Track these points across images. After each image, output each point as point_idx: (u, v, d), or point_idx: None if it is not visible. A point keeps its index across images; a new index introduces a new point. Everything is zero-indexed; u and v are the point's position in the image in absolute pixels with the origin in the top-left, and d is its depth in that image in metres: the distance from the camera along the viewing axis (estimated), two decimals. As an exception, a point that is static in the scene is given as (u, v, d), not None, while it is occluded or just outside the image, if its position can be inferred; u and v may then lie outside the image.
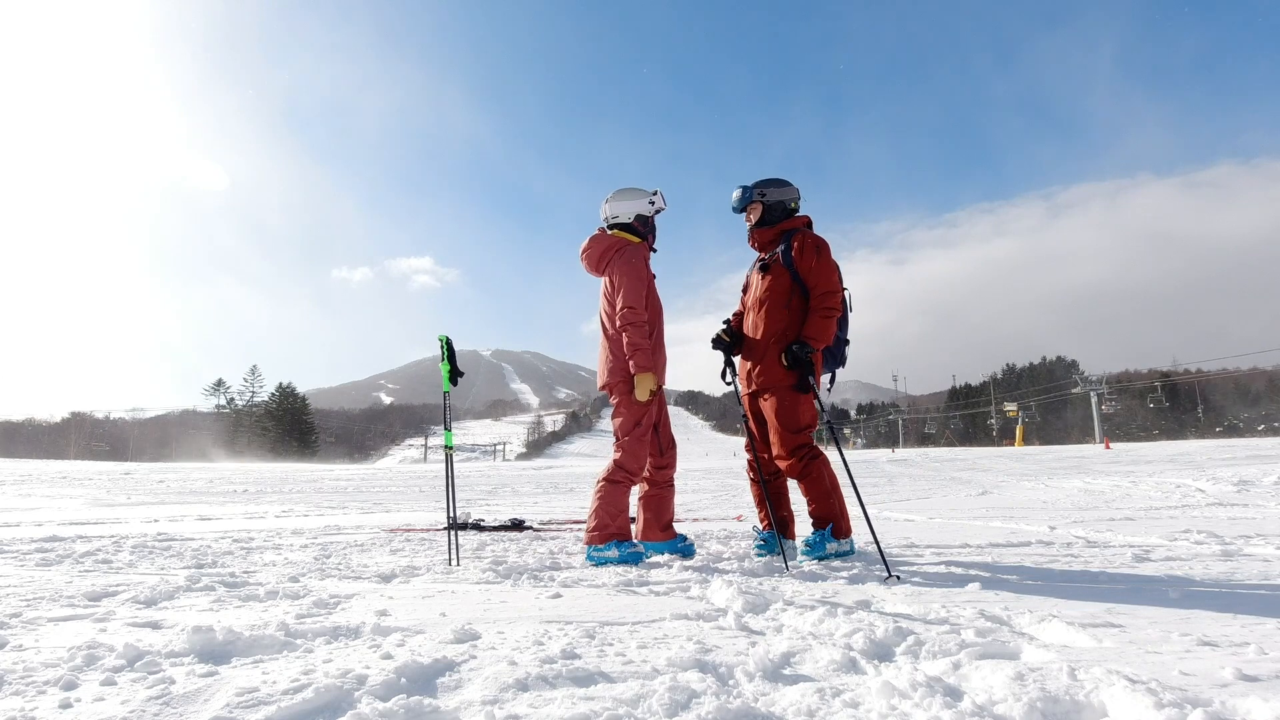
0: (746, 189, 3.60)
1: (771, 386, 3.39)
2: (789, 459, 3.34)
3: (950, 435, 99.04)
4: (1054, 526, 4.43)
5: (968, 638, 1.76)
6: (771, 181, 3.60)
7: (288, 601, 2.35)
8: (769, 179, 3.60)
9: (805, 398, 3.37)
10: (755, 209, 3.60)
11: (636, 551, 3.35)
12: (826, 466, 3.36)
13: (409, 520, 5.99)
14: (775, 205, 3.58)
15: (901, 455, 27.28)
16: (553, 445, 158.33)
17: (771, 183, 3.59)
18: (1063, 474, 11.53)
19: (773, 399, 3.38)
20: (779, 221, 3.58)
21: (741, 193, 3.61)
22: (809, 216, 3.62)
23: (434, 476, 16.46)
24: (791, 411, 3.34)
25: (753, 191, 3.59)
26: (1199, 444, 26.90)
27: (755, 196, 3.58)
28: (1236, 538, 3.65)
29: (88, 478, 15.95)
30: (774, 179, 3.61)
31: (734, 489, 10.48)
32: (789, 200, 3.60)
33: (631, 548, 3.34)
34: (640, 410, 3.45)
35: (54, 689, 1.44)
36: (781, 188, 3.59)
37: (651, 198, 3.68)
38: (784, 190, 3.59)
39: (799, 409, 3.35)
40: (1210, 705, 1.25)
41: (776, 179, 3.61)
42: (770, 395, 3.40)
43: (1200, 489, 7.29)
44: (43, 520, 5.96)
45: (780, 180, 3.61)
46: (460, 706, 1.35)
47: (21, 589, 2.57)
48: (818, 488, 3.33)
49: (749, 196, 3.59)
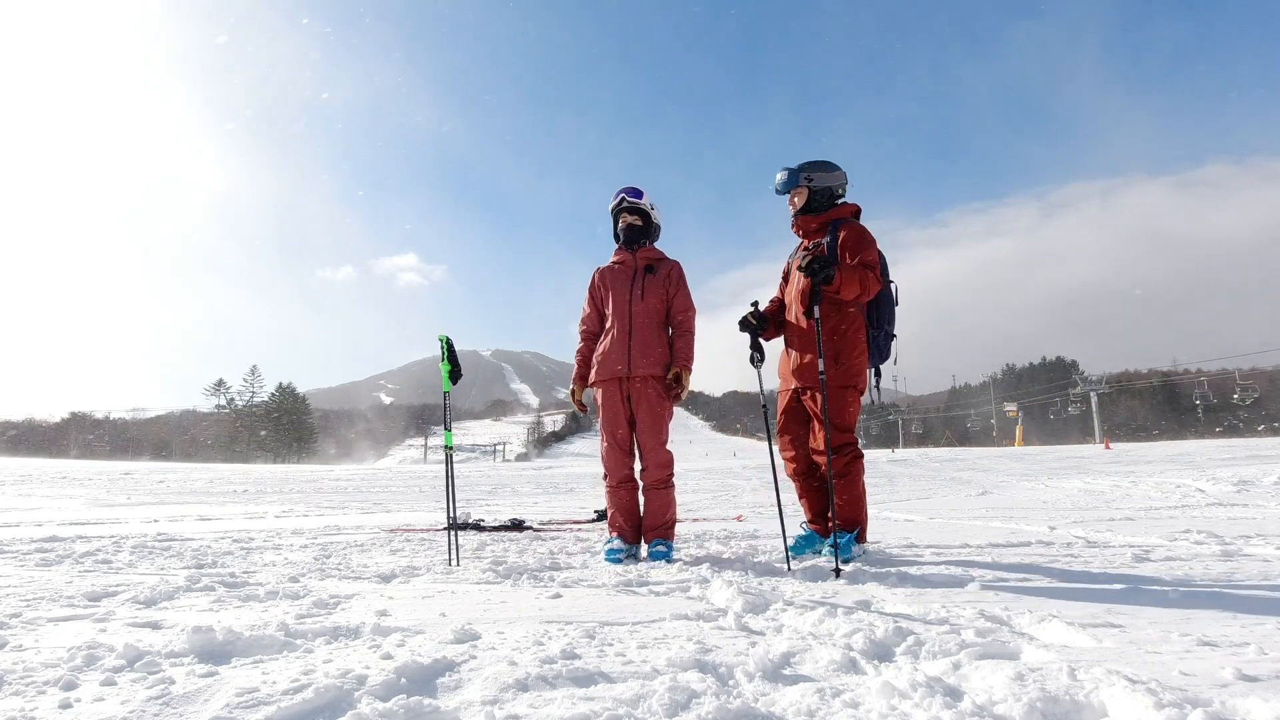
0: (792, 172, 3.43)
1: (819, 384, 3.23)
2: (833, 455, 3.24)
3: (950, 435, 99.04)
4: (1054, 526, 4.43)
5: (968, 638, 1.76)
6: (819, 164, 3.43)
7: (288, 602, 2.35)
8: (816, 161, 3.44)
9: (855, 396, 3.30)
10: (801, 194, 3.44)
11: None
12: (862, 470, 3.31)
13: (409, 520, 5.99)
14: (822, 191, 3.42)
15: (901, 455, 27.28)
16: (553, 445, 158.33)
17: (819, 165, 3.43)
18: (1063, 474, 11.54)
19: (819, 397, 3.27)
20: (825, 209, 3.43)
21: (787, 175, 3.44)
22: (858, 205, 3.48)
23: (434, 477, 16.46)
24: (840, 409, 3.27)
25: (799, 175, 3.42)
26: (1199, 444, 26.89)
27: (801, 181, 3.42)
28: (1236, 538, 3.65)
29: (88, 478, 15.94)
30: (821, 161, 3.44)
31: (734, 489, 10.48)
32: (836, 186, 3.43)
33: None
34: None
35: (54, 689, 1.44)
36: (829, 172, 3.42)
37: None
38: (831, 175, 3.42)
39: (847, 407, 3.29)
40: (1210, 705, 1.25)
41: (824, 161, 3.44)
42: (817, 394, 3.29)
43: (1200, 489, 7.29)
44: (43, 520, 5.95)
45: (828, 163, 3.44)
46: (460, 706, 1.35)
47: (21, 589, 2.57)
48: (853, 490, 3.26)
49: (794, 181, 3.43)
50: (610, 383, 3.57)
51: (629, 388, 3.54)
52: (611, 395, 3.56)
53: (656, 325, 3.59)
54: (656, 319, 3.59)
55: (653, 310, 3.58)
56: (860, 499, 3.30)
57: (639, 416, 3.52)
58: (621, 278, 3.67)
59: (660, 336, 3.59)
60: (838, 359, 3.32)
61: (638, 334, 3.54)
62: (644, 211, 3.68)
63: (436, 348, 3.66)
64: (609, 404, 3.57)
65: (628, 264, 3.69)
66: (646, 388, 3.51)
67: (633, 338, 3.54)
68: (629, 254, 3.70)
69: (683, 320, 3.62)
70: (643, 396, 3.51)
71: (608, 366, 3.56)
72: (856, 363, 3.33)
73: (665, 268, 3.67)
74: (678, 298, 3.64)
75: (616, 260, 3.74)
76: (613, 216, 3.75)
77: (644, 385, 3.51)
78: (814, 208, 3.45)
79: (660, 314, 3.61)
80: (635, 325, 3.55)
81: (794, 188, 3.46)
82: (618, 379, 3.54)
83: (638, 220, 3.69)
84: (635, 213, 3.68)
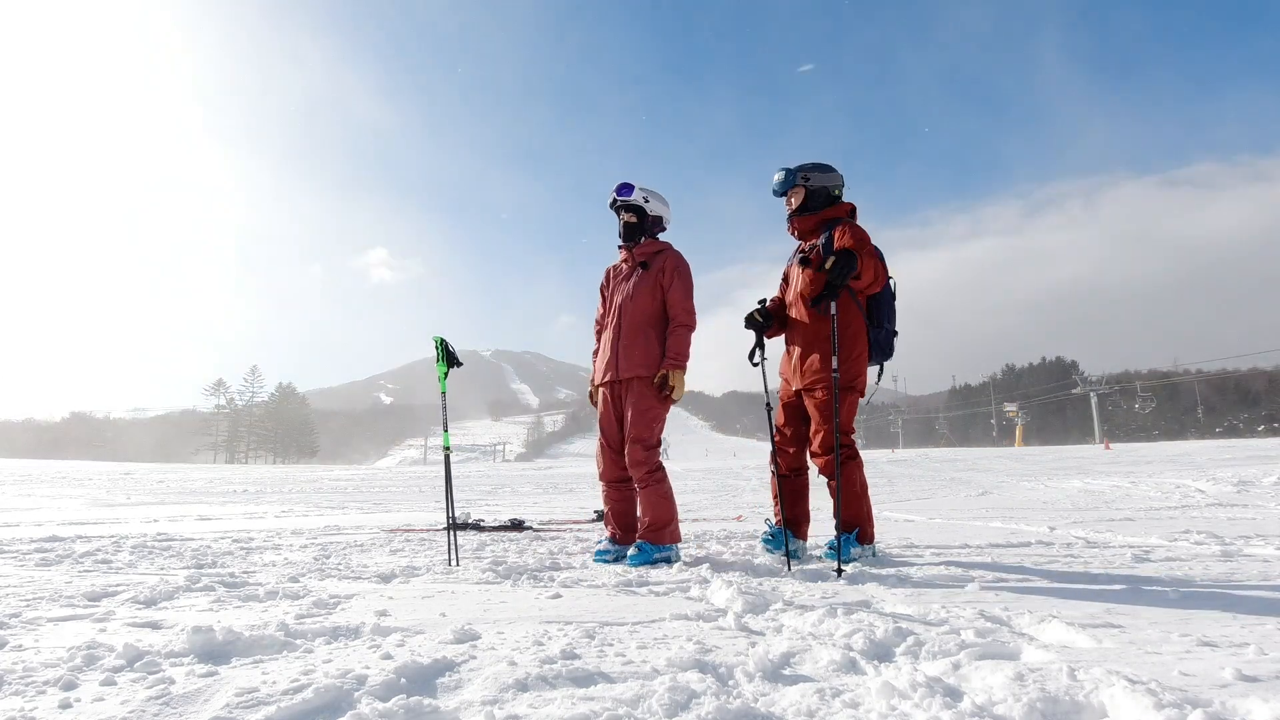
0: (790, 172, 3.47)
1: (823, 384, 3.29)
2: (826, 455, 3.27)
3: (949, 436, 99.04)
4: (1054, 527, 4.43)
5: (968, 638, 1.76)
6: (816, 166, 3.47)
7: (287, 602, 2.35)
8: (813, 163, 3.48)
9: (854, 398, 3.32)
10: (797, 194, 3.47)
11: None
12: (860, 469, 3.31)
13: (409, 520, 5.99)
14: (818, 191, 3.45)
15: (901, 456, 27.28)
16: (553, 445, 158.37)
17: (816, 167, 3.47)
18: (1062, 474, 11.53)
19: (824, 397, 3.30)
20: (821, 209, 3.45)
21: (784, 175, 3.47)
22: (853, 204, 3.51)
23: (434, 477, 16.46)
24: (841, 409, 3.27)
25: (796, 175, 3.45)
26: (1199, 444, 26.90)
27: (799, 181, 3.45)
28: (1236, 538, 3.65)
29: (88, 478, 15.95)
30: (819, 163, 3.48)
31: (734, 489, 10.48)
32: (833, 187, 3.47)
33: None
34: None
35: (54, 689, 1.44)
36: (826, 173, 3.46)
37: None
38: (828, 176, 3.46)
39: (847, 408, 3.31)
40: (1210, 705, 1.25)
41: (821, 163, 3.48)
42: (821, 393, 3.31)
43: (1200, 489, 7.29)
44: (43, 520, 5.95)
45: (825, 165, 3.48)
46: (460, 707, 1.35)
47: (21, 589, 2.56)
48: (849, 490, 3.26)
49: (792, 180, 3.46)
50: (603, 386, 3.61)
51: (620, 389, 3.54)
52: (605, 397, 3.60)
53: (646, 324, 3.53)
54: (647, 318, 3.54)
55: (643, 309, 3.54)
56: (858, 497, 3.29)
57: (625, 416, 3.51)
58: (622, 276, 3.69)
59: (650, 336, 3.52)
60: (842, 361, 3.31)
61: (624, 335, 3.52)
62: (637, 207, 3.64)
63: (434, 348, 3.66)
64: (603, 405, 3.61)
65: (628, 262, 3.69)
66: (633, 388, 3.49)
67: (620, 339, 3.52)
68: (629, 252, 3.69)
69: (676, 315, 3.54)
70: (629, 397, 3.49)
71: (600, 370, 3.61)
72: (857, 364, 3.33)
73: (659, 262, 3.60)
74: (672, 291, 3.54)
75: (622, 259, 3.75)
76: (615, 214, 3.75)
77: (631, 386, 3.50)
78: (810, 208, 3.47)
79: (651, 312, 3.55)
80: (623, 326, 3.53)
81: (791, 187, 3.48)
82: (609, 382, 3.56)
83: (632, 217, 3.65)
84: (629, 209, 3.65)
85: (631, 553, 3.33)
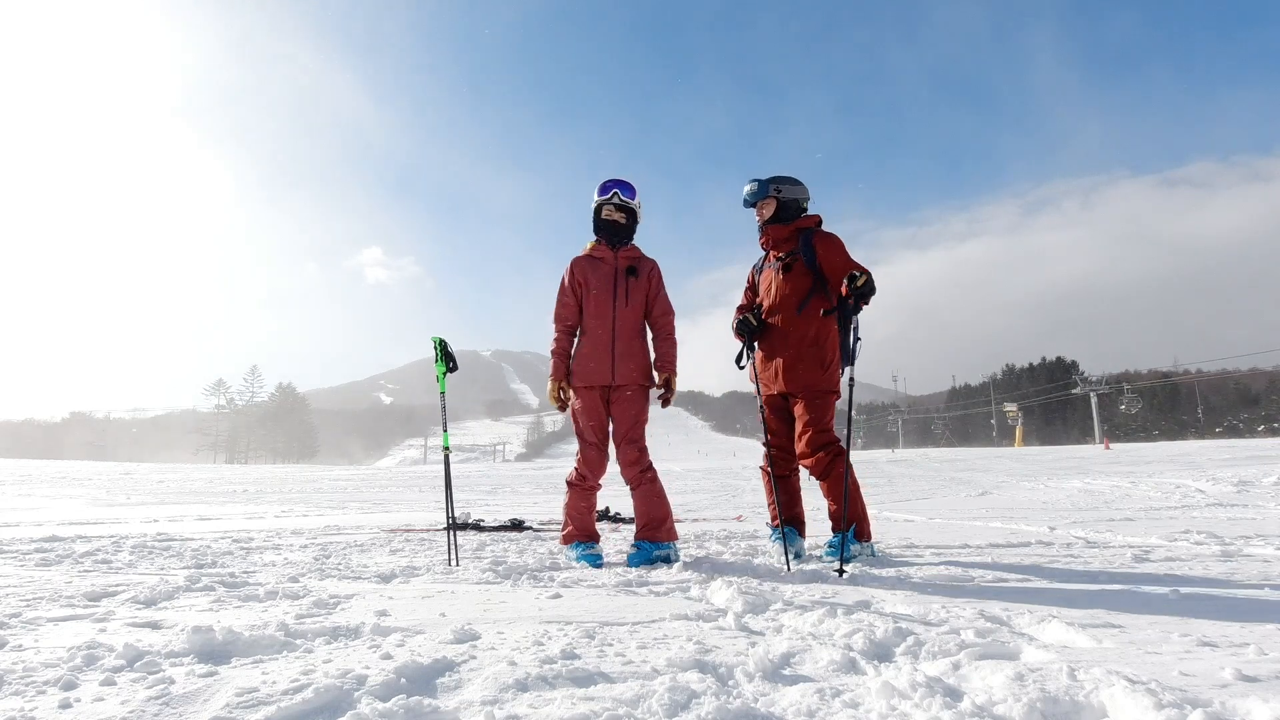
0: (762, 183, 3.56)
1: (805, 390, 3.39)
2: (814, 455, 3.33)
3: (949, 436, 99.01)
4: (1054, 527, 4.43)
5: (967, 638, 1.76)
6: (786, 179, 3.57)
7: (287, 602, 2.35)
8: (783, 176, 3.58)
9: (833, 400, 3.41)
10: (769, 205, 3.56)
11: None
12: (850, 467, 3.33)
13: (409, 520, 5.99)
14: (789, 203, 3.55)
15: (901, 456, 27.28)
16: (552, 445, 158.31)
17: (786, 180, 3.56)
18: (1062, 474, 11.53)
19: (804, 402, 3.39)
20: (792, 219, 3.55)
21: (757, 186, 3.56)
22: (819, 216, 3.60)
23: (434, 477, 16.46)
24: (822, 411, 3.37)
25: (769, 186, 3.54)
26: (1199, 444, 26.90)
27: (771, 192, 3.54)
28: (1236, 538, 3.65)
29: (88, 478, 15.95)
30: (788, 176, 3.58)
31: (734, 489, 10.48)
32: (802, 199, 3.57)
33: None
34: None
35: (54, 689, 1.44)
36: (795, 185, 3.56)
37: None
38: (797, 189, 3.56)
39: (828, 409, 3.40)
40: (1210, 706, 1.25)
41: (790, 176, 3.58)
42: (802, 399, 3.40)
43: (1200, 489, 7.29)
44: (43, 520, 5.95)
45: (793, 178, 3.58)
46: (460, 707, 1.35)
47: (21, 589, 2.56)
48: (840, 488, 3.28)
49: (764, 191, 3.55)
50: (592, 390, 3.50)
51: (610, 394, 3.52)
52: (593, 400, 3.50)
53: (639, 331, 3.58)
54: (639, 325, 3.58)
55: (636, 315, 3.56)
56: (853, 496, 3.30)
57: (617, 419, 3.50)
58: (604, 277, 3.54)
59: (642, 342, 3.58)
60: (825, 366, 3.42)
61: (621, 341, 3.50)
62: (632, 210, 3.62)
63: (433, 348, 3.66)
64: (591, 409, 3.49)
65: (608, 262, 3.58)
66: (627, 394, 3.49)
67: (616, 345, 3.49)
68: (610, 251, 3.60)
69: (664, 324, 3.61)
70: (622, 402, 3.49)
71: (590, 373, 3.49)
72: (835, 369, 3.46)
73: (646, 268, 3.61)
74: (658, 300, 3.62)
75: (597, 255, 3.61)
76: (596, 206, 3.62)
77: (624, 392, 3.49)
78: (782, 218, 3.56)
79: (640, 318, 3.59)
80: (619, 332, 3.50)
81: (763, 198, 3.57)
82: (600, 386, 3.50)
83: (622, 218, 3.60)
84: (623, 210, 3.60)
85: (631, 553, 3.34)
